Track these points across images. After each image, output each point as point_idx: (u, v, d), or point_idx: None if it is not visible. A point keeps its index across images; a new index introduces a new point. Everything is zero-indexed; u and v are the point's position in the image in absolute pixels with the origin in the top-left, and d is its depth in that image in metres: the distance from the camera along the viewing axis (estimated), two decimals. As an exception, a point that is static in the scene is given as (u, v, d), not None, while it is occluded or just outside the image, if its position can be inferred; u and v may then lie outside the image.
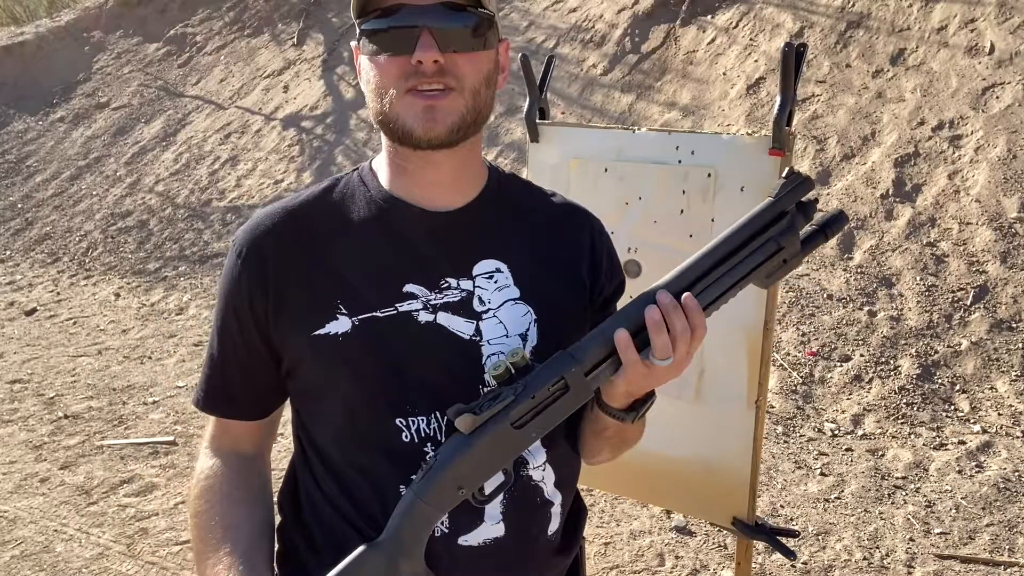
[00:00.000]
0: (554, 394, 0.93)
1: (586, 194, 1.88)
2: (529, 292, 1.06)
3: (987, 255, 4.06)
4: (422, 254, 1.03)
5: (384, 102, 0.98)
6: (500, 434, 0.92)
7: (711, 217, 1.72)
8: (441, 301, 1.02)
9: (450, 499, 0.94)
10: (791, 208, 0.94)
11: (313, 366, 1.01)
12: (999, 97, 4.62)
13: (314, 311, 1.00)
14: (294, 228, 1.03)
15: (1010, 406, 3.50)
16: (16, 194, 8.28)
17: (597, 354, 0.93)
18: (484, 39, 0.99)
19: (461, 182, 1.07)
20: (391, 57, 0.96)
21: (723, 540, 2.89)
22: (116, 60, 9.58)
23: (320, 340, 0.99)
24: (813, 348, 3.93)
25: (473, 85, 0.98)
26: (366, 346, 0.99)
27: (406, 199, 1.05)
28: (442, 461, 0.93)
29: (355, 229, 1.04)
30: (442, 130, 0.96)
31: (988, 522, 2.89)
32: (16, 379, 4.72)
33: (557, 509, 1.10)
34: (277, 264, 1.01)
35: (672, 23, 6.15)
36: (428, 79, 0.95)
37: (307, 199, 1.07)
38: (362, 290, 1.01)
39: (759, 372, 1.70)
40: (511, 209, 1.11)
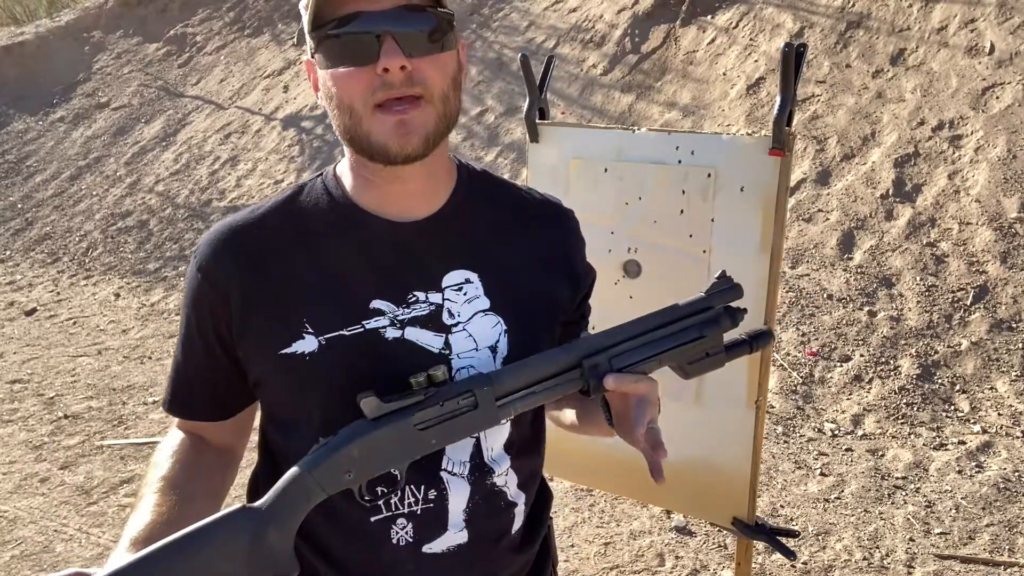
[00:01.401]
0: (462, 408, 0.93)
1: (586, 194, 1.89)
2: (500, 302, 1.04)
3: (987, 255, 4.06)
4: (389, 268, 1.01)
5: (351, 119, 0.94)
6: (401, 430, 0.92)
7: (711, 217, 1.72)
8: (409, 316, 0.99)
9: (336, 480, 0.92)
10: (718, 306, 1.01)
11: (279, 384, 1.00)
12: (999, 97, 4.62)
13: (280, 329, 0.98)
14: (256, 241, 1.00)
15: (1010, 406, 3.50)
16: (16, 194, 8.28)
17: (513, 383, 0.95)
18: (444, 40, 0.95)
19: (430, 191, 1.04)
20: (354, 69, 0.91)
21: (723, 540, 2.89)
22: (116, 60, 9.58)
23: (286, 359, 0.97)
24: (813, 348, 3.93)
25: (442, 90, 0.94)
26: (333, 366, 0.97)
27: (373, 211, 1.02)
28: (337, 441, 0.92)
29: (320, 243, 1.01)
30: (417, 143, 0.93)
31: (988, 522, 2.89)
32: (16, 379, 4.72)
33: (521, 508, 1.11)
34: (240, 279, 0.98)
35: (672, 23, 6.15)
36: (396, 89, 0.91)
37: (269, 209, 1.03)
38: (330, 308, 0.98)
39: (759, 372, 1.70)
40: (481, 213, 1.08)
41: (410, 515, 1.02)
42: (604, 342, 0.98)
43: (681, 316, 1.00)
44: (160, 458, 1.04)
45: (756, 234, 1.66)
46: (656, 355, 0.99)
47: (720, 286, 1.02)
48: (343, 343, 0.97)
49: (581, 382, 0.97)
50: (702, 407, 1.79)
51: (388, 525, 1.01)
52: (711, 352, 1.01)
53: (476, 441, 1.04)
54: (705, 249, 1.73)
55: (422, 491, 1.02)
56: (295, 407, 1.01)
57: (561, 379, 0.97)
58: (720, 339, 1.02)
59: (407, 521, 1.02)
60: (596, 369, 0.97)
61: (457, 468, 1.03)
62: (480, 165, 1.15)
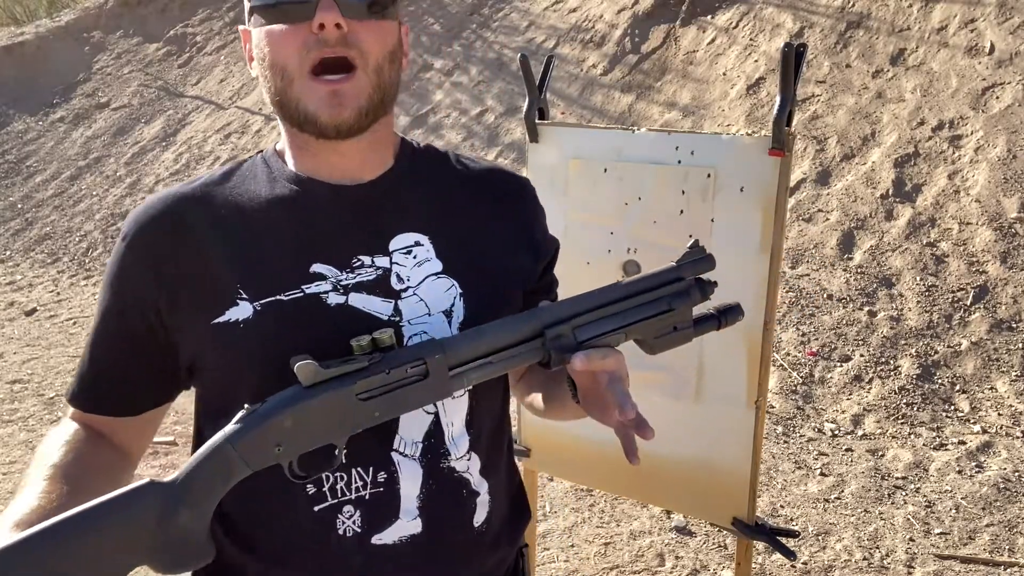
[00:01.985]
0: (411, 377, 0.85)
1: (586, 194, 1.89)
2: (453, 265, 0.98)
3: (987, 255, 4.06)
4: (331, 231, 0.95)
5: (283, 81, 0.90)
6: (340, 399, 0.83)
7: (711, 217, 1.72)
8: (353, 281, 0.94)
9: (263, 455, 0.82)
10: (689, 278, 0.96)
11: (215, 357, 0.93)
12: (999, 97, 4.62)
13: (212, 298, 0.91)
14: (187, 212, 0.95)
15: (1010, 406, 3.50)
16: (16, 194, 8.28)
17: (468, 352, 0.87)
18: (385, 9, 0.92)
19: (371, 160, 1.00)
20: (288, 27, 0.89)
21: (723, 540, 2.89)
22: (116, 60, 9.58)
23: (220, 328, 0.90)
24: (813, 348, 3.93)
25: (377, 60, 0.91)
26: (269, 332, 0.90)
27: (313, 176, 0.98)
28: (267, 409, 0.82)
29: (257, 210, 0.96)
30: (349, 115, 0.90)
31: (988, 522, 2.89)
32: (16, 379, 4.72)
33: (484, 498, 1.02)
34: (169, 250, 0.93)
35: (672, 23, 6.15)
36: (331, 48, 0.88)
37: (203, 182, 0.99)
38: (265, 273, 0.92)
39: (759, 372, 1.70)
40: (429, 177, 1.04)
41: (357, 501, 0.93)
42: (568, 311, 0.91)
43: (650, 287, 0.95)
44: (49, 448, 0.93)
45: (756, 234, 1.66)
46: (623, 327, 0.93)
47: (691, 256, 0.97)
48: (280, 308, 0.91)
49: (542, 352, 0.90)
50: (702, 407, 1.79)
51: (334, 514, 0.93)
52: (679, 326, 0.96)
53: (435, 418, 0.96)
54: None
55: (370, 473, 0.94)
56: (230, 385, 0.93)
57: (521, 349, 0.90)
58: (689, 312, 0.96)
59: (354, 508, 0.93)
60: (559, 340, 0.90)
61: (409, 448, 0.95)
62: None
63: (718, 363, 1.76)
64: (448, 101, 6.74)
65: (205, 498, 0.82)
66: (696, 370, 1.79)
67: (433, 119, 6.65)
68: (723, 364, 1.75)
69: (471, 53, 7.05)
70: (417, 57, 7.26)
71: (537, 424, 2.04)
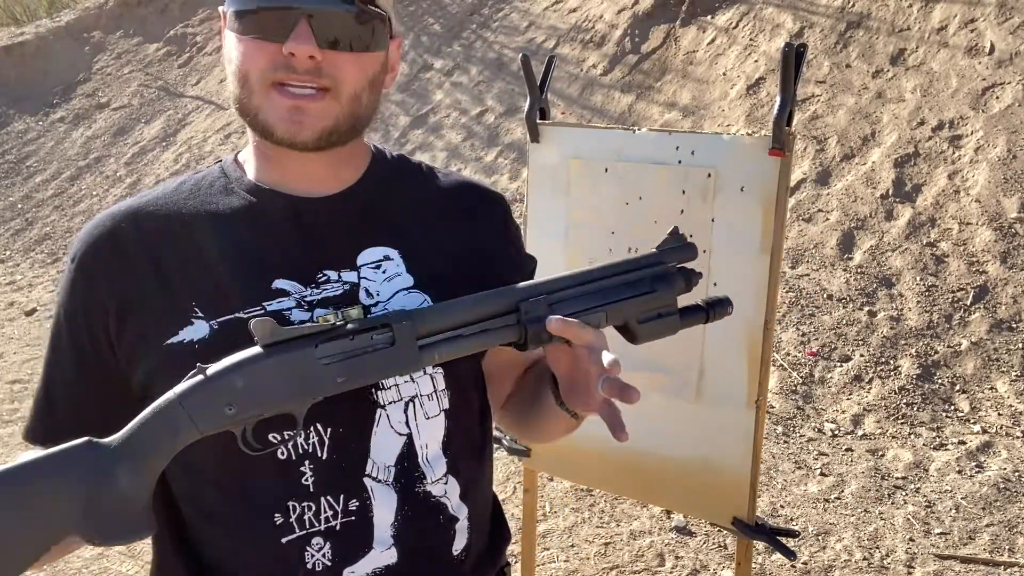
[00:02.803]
0: (376, 344, 0.81)
1: (586, 194, 1.89)
2: (425, 280, 0.94)
3: (987, 255, 4.06)
4: (294, 246, 0.91)
5: (243, 90, 0.86)
6: (300, 360, 0.78)
7: (711, 217, 1.72)
8: (318, 296, 0.89)
9: (213, 415, 0.76)
10: (671, 263, 0.94)
11: (168, 380, 0.83)
12: (999, 97, 4.62)
13: (165, 318, 0.86)
14: (138, 228, 0.90)
15: (1010, 406, 3.50)
16: (16, 194, 8.28)
17: (438, 322, 0.83)
18: (372, 37, 0.87)
19: (337, 171, 0.95)
20: (259, 41, 0.84)
21: (723, 540, 2.89)
22: (116, 60, 9.58)
23: (173, 350, 0.85)
24: (813, 348, 3.93)
25: (353, 90, 0.86)
26: (229, 352, 0.82)
27: (274, 187, 0.93)
28: (220, 366, 0.77)
29: (214, 224, 0.91)
30: (309, 136, 0.86)
31: (988, 522, 2.89)
32: (16, 379, 4.72)
33: (464, 524, 0.97)
34: (118, 269, 0.88)
35: (672, 23, 6.15)
36: (298, 75, 0.83)
37: (155, 196, 0.94)
38: (223, 290, 0.87)
39: (759, 372, 1.70)
40: (401, 189, 0.99)
41: (327, 532, 0.88)
42: (545, 287, 0.88)
43: (631, 268, 0.92)
44: None
45: (756, 234, 1.66)
46: (602, 305, 0.89)
47: (671, 243, 0.95)
48: (239, 326, 0.84)
49: (517, 330, 0.86)
50: (702, 407, 1.79)
51: (302, 546, 0.87)
52: (663, 312, 0.92)
53: (407, 439, 0.91)
54: (705, 249, 1.73)
55: (341, 502, 0.88)
56: None
57: (494, 323, 0.85)
58: (674, 300, 0.93)
59: (323, 540, 0.88)
60: (534, 315, 0.85)
61: (382, 473, 0.90)
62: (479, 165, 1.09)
63: (718, 363, 1.76)
64: (448, 101, 6.74)
65: (148, 460, 0.75)
66: (696, 370, 1.79)
67: (433, 119, 6.65)
68: (723, 364, 1.75)
69: (471, 53, 7.05)
70: (417, 57, 7.27)
71: (537, 424, 2.04)
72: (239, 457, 0.84)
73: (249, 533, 0.88)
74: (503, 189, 5.71)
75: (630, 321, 0.92)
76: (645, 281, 0.92)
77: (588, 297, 0.89)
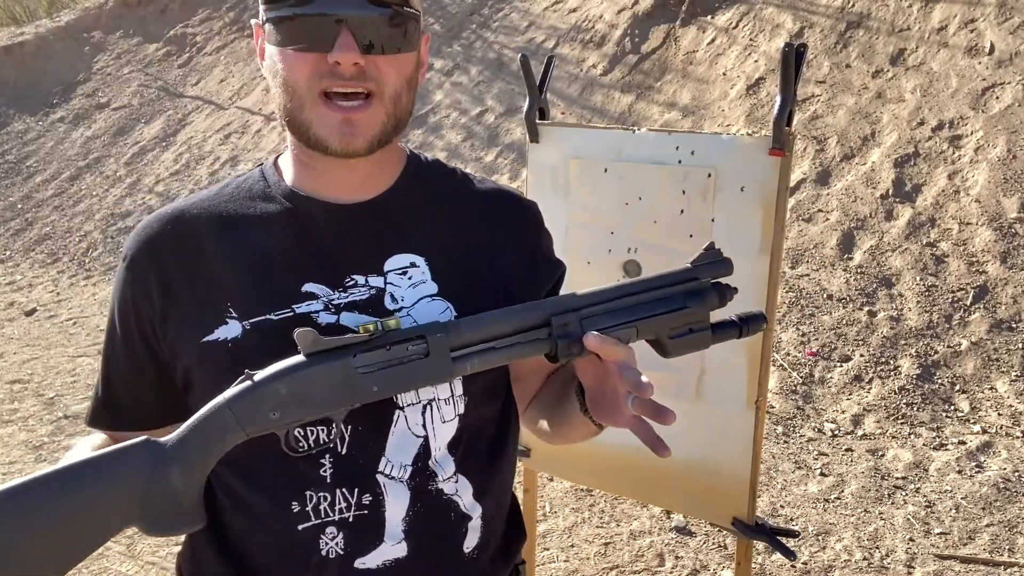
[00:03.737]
0: (411, 355, 0.84)
1: (586, 194, 1.89)
2: (449, 288, 0.96)
3: (987, 255, 4.06)
4: (325, 250, 0.95)
5: (294, 102, 0.89)
6: (339, 371, 0.83)
7: (711, 217, 1.72)
8: (346, 300, 0.93)
9: (260, 419, 0.82)
10: (705, 279, 0.94)
11: (203, 376, 0.92)
12: (999, 97, 4.62)
13: (202, 316, 0.91)
14: (183, 229, 0.95)
15: (1010, 406, 3.50)
16: (16, 194, 8.28)
17: (472, 335, 0.86)
18: (406, 35, 0.90)
19: (374, 177, 0.99)
20: (303, 52, 0.87)
21: (723, 540, 2.89)
22: (116, 60, 9.58)
23: (209, 347, 0.90)
24: (813, 348, 3.93)
25: (394, 90, 0.90)
26: (258, 352, 0.88)
27: (311, 194, 0.96)
28: (266, 374, 0.83)
29: (251, 227, 0.95)
30: (362, 144, 0.89)
31: (988, 522, 2.89)
32: (16, 379, 4.72)
33: (477, 523, 0.99)
34: (164, 268, 0.94)
35: (672, 23, 6.15)
36: (345, 82, 0.87)
37: (200, 199, 0.99)
38: (255, 291, 0.92)
39: (759, 372, 1.70)
40: (431, 197, 1.02)
41: (340, 523, 0.92)
42: (577, 302, 0.89)
43: (663, 284, 0.92)
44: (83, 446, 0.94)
45: (756, 234, 1.66)
46: (633, 321, 0.90)
47: (707, 258, 0.94)
48: (270, 328, 0.90)
49: (548, 344, 0.88)
50: (702, 407, 1.79)
51: (317, 534, 0.92)
52: (695, 328, 0.93)
53: (423, 440, 0.95)
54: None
55: (355, 495, 0.92)
56: None
57: (526, 336, 0.88)
58: (707, 316, 0.93)
59: (337, 530, 0.92)
60: (566, 329, 0.87)
61: (397, 471, 0.93)
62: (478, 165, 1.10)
63: (718, 363, 1.76)
64: (448, 101, 6.74)
65: (198, 459, 0.81)
66: (696, 370, 1.79)
67: (433, 119, 6.65)
68: (723, 364, 1.75)
69: (471, 53, 7.05)
70: (417, 57, 7.27)
71: (537, 424, 2.04)
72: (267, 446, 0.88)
73: (269, 519, 0.93)
74: (503, 189, 5.71)
75: (661, 336, 0.92)
76: (678, 297, 0.92)
77: (620, 312, 0.90)
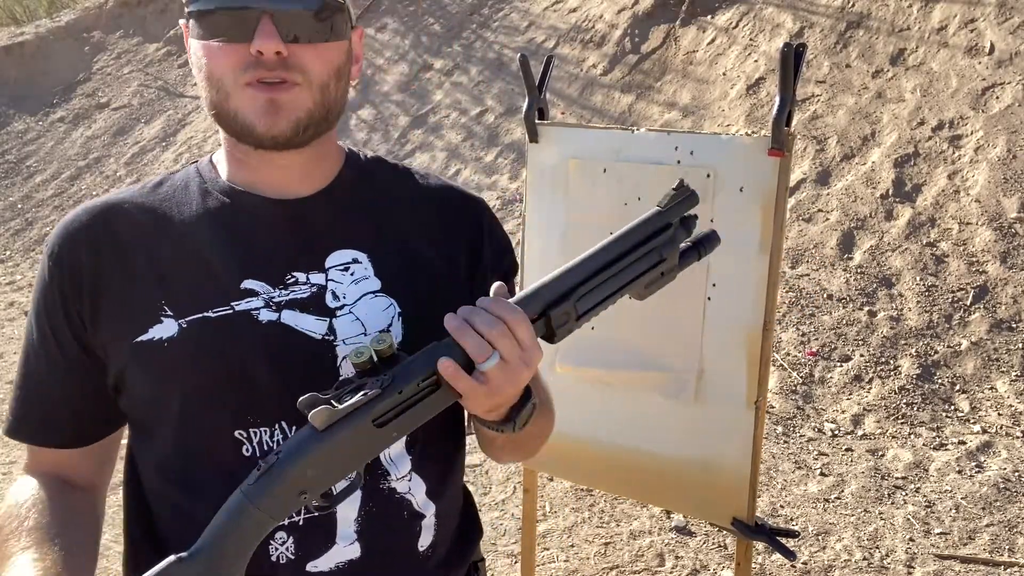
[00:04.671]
0: (423, 391, 0.82)
1: (585, 194, 1.89)
2: (393, 283, 0.94)
3: (987, 255, 4.06)
4: (265, 247, 0.92)
5: (219, 94, 0.87)
6: (359, 432, 0.80)
7: (711, 218, 1.72)
8: (286, 298, 0.90)
9: (289, 505, 0.80)
10: (675, 221, 0.92)
11: (137, 377, 0.89)
12: (999, 97, 4.62)
13: (135, 315, 0.88)
14: (113, 224, 0.91)
15: (1010, 406, 3.50)
16: (16, 194, 8.28)
17: None
18: (332, 27, 0.88)
19: (311, 173, 0.96)
20: (226, 44, 0.85)
21: (723, 540, 2.89)
22: (116, 60, 9.58)
23: (142, 347, 0.87)
24: (813, 348, 3.93)
25: (321, 80, 0.88)
26: (196, 351, 0.86)
27: (248, 189, 0.94)
28: (286, 460, 0.79)
29: (187, 223, 0.92)
30: (286, 126, 0.87)
31: (988, 522, 2.89)
32: (16, 379, 4.72)
33: (431, 521, 0.98)
34: (93, 263, 0.89)
35: (672, 23, 6.15)
36: (269, 72, 0.85)
37: (132, 193, 0.95)
38: (192, 289, 0.89)
39: (759, 372, 1.70)
40: (373, 192, 1.00)
41: (291, 527, 0.89)
42: (568, 284, 0.86)
43: (641, 239, 0.90)
44: (18, 508, 0.89)
45: (756, 234, 1.66)
46: (620, 290, 0.89)
47: (679, 196, 0.92)
48: (208, 326, 0.87)
49: (544, 329, 0.86)
50: (702, 407, 1.79)
51: (266, 540, 0.87)
52: (666, 271, 0.92)
53: None
54: (705, 249, 1.73)
55: None
56: (154, 406, 0.90)
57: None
58: (677, 254, 0.93)
59: (287, 535, 0.89)
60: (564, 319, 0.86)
61: None
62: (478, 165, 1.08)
63: (718, 363, 1.76)
64: (448, 101, 6.74)
65: (237, 560, 0.79)
66: (696, 370, 1.79)
67: (433, 119, 6.65)
68: (723, 364, 1.75)
69: (471, 53, 7.04)
70: (417, 57, 7.26)
71: (537, 424, 2.04)
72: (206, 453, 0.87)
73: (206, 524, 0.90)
74: (503, 189, 5.71)
75: (639, 290, 0.92)
76: (655, 251, 0.91)
77: (607, 284, 0.88)
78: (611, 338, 1.85)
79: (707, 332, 1.75)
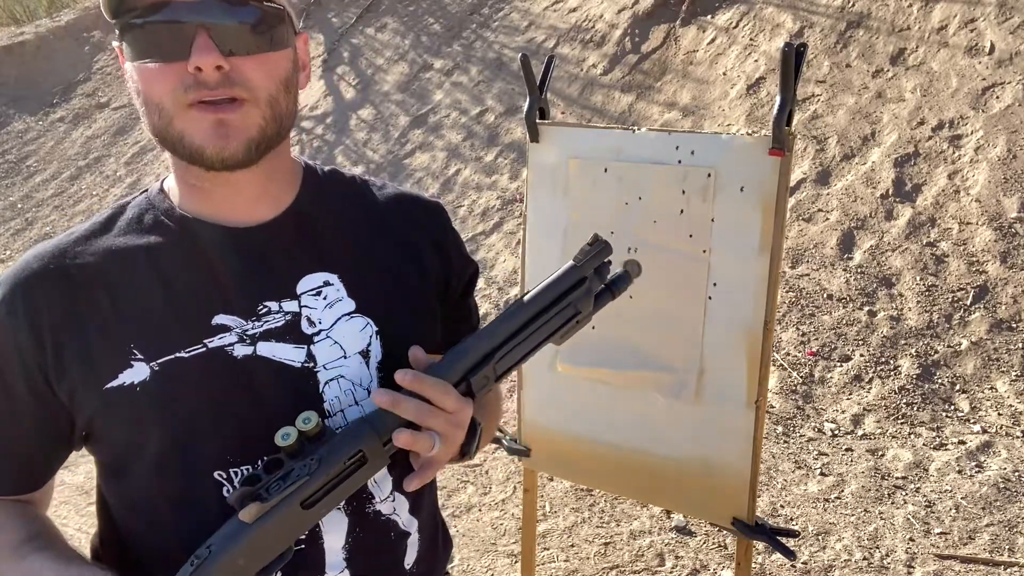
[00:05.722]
0: (349, 468, 0.83)
1: (586, 194, 1.89)
2: (367, 302, 0.93)
3: (987, 255, 4.06)
4: (231, 279, 0.88)
5: (161, 119, 0.82)
6: (287, 516, 0.81)
7: (711, 217, 1.72)
8: (260, 329, 0.87)
9: None
10: (590, 274, 0.93)
11: (111, 424, 0.85)
12: (999, 97, 4.62)
13: (102, 360, 0.84)
14: (69, 268, 0.86)
15: (1010, 406, 3.50)
16: (16, 194, 8.28)
17: (395, 420, 0.85)
18: (273, 37, 0.83)
19: (269, 194, 0.92)
20: (162, 64, 0.80)
21: (723, 540, 2.89)
22: (116, 60, 9.57)
23: (113, 393, 0.83)
24: (813, 348, 3.93)
25: (268, 92, 0.83)
26: (170, 393, 0.83)
27: (207, 218, 0.89)
28: (218, 554, 0.80)
29: (146, 260, 0.88)
30: (237, 147, 0.82)
31: (988, 522, 2.89)
32: (16, 379, 4.72)
33: (415, 538, 0.98)
34: (52, 311, 0.85)
35: (672, 23, 6.15)
36: (211, 90, 0.80)
37: (84, 232, 0.90)
38: (161, 329, 0.85)
39: (759, 372, 1.70)
40: (335, 211, 0.97)
41: None
42: (486, 348, 0.88)
43: (557, 297, 0.91)
44: None
45: (756, 234, 1.66)
46: (537, 346, 0.91)
47: (593, 251, 0.93)
48: (182, 367, 0.84)
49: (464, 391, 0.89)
50: (702, 407, 1.79)
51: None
52: (581, 320, 0.94)
53: None
54: (705, 249, 1.73)
55: None
56: (129, 451, 0.87)
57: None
58: (591, 302, 0.94)
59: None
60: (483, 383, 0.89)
61: None
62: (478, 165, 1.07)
63: (718, 363, 1.76)
64: (448, 101, 6.74)
65: None
66: (696, 370, 1.79)
67: (433, 119, 6.65)
68: (723, 364, 1.75)
69: (471, 53, 7.04)
70: (417, 57, 7.26)
71: (537, 424, 2.04)
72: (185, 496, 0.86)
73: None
74: (503, 189, 5.72)
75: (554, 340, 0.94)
76: (571, 306, 0.92)
77: (525, 342, 0.90)
78: (611, 338, 1.85)
79: (707, 332, 1.75)
